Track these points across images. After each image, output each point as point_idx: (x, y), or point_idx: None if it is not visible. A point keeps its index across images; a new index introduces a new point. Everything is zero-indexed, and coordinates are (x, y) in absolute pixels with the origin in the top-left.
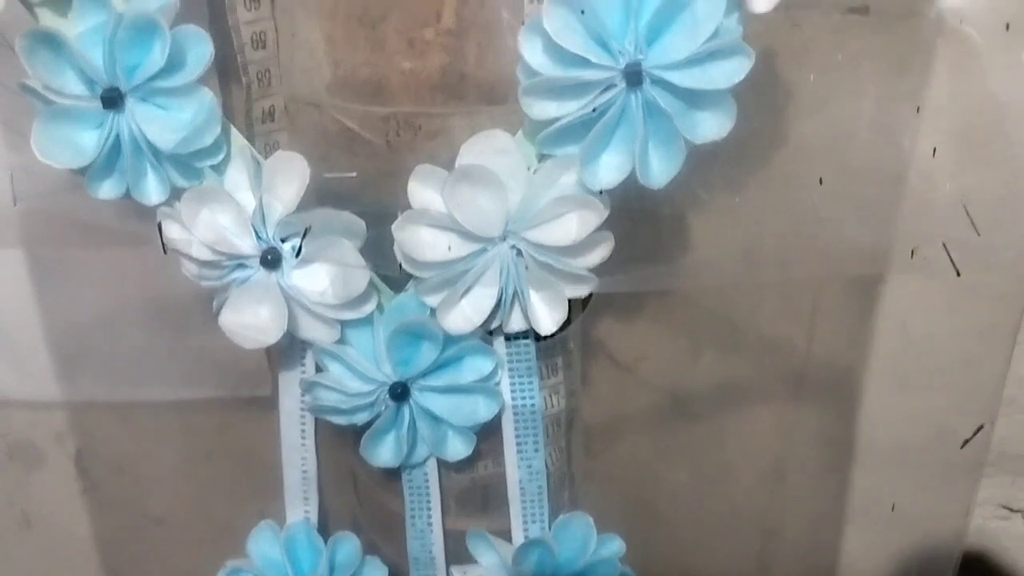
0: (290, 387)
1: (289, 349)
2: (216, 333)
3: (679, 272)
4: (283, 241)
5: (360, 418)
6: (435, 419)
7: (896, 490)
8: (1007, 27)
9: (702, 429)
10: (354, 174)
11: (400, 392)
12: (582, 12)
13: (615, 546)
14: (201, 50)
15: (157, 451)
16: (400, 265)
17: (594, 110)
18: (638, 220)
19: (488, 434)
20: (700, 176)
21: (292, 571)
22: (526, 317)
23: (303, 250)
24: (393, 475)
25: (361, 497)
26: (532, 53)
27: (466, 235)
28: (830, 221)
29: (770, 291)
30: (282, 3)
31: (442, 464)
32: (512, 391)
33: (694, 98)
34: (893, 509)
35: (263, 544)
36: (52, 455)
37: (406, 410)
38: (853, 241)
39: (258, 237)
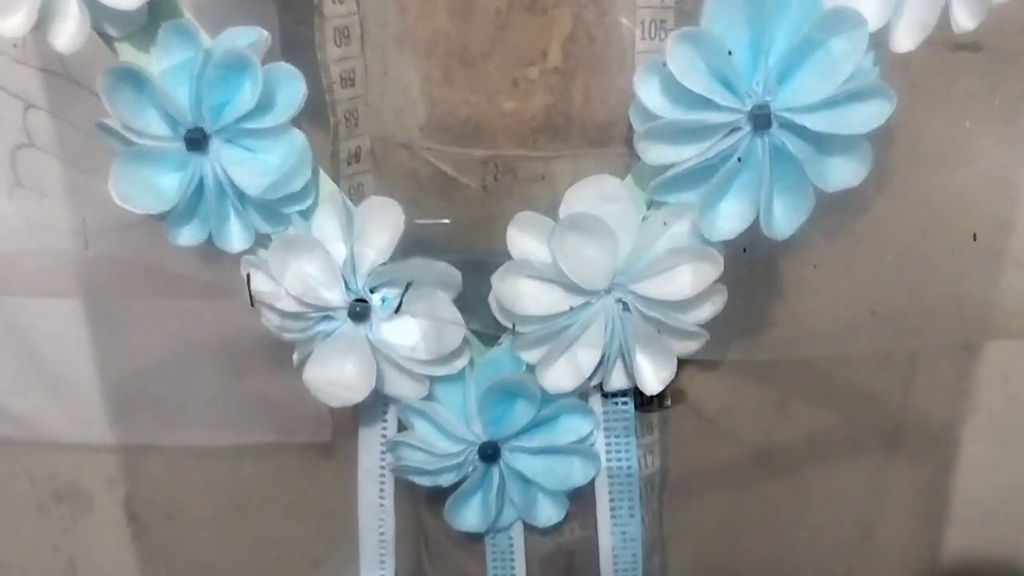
0: (370, 445)
1: (371, 405)
2: (274, 377)
3: (797, 341)
4: (372, 292)
5: (446, 479)
6: (526, 482)
7: (991, 553)
8: None
9: (788, 485)
10: (447, 220)
11: (491, 453)
12: (729, 53)
13: None
14: (293, 89)
15: (209, 498)
16: (495, 319)
17: (716, 155)
18: (751, 280)
19: (577, 496)
20: (823, 227)
21: None
22: (629, 375)
23: (402, 305)
24: (471, 536)
25: (434, 558)
26: (649, 94)
27: (571, 287)
28: (976, 280)
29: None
30: (373, 40)
31: (527, 527)
32: (607, 452)
33: (826, 143)
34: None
35: None
36: (101, 500)
37: (495, 472)
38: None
39: (347, 288)
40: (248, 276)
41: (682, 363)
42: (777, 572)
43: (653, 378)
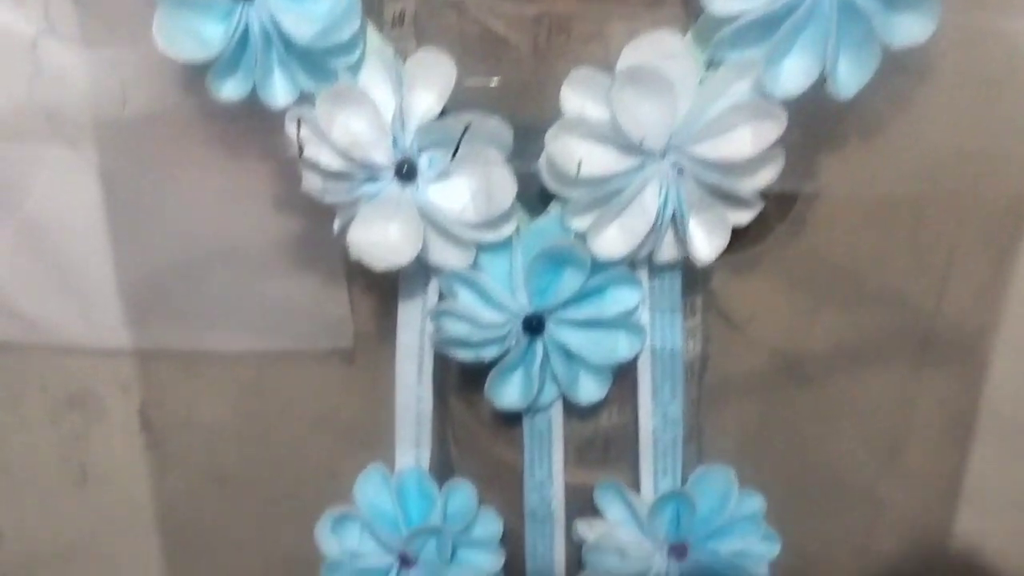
0: (410, 319)
1: (412, 277)
2: (295, 281)
3: (875, 177)
4: (419, 153)
5: (489, 353)
6: (570, 356)
7: (1017, 471)
8: None
9: (816, 396)
10: (495, 80)
11: (535, 325)
12: None
13: (757, 503)
14: None
15: (227, 406)
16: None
17: (783, 5)
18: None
19: (617, 380)
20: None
21: (403, 521)
22: (680, 244)
23: (459, 150)
24: (505, 422)
25: (462, 445)
26: None
27: (625, 147)
28: None
29: (901, 243)
30: None
31: (567, 409)
32: (652, 329)
33: None
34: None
35: (371, 491)
36: (115, 407)
37: (539, 345)
38: None
39: (395, 144)
40: (298, 122)
41: (713, 268)
42: (804, 484)
43: (706, 247)
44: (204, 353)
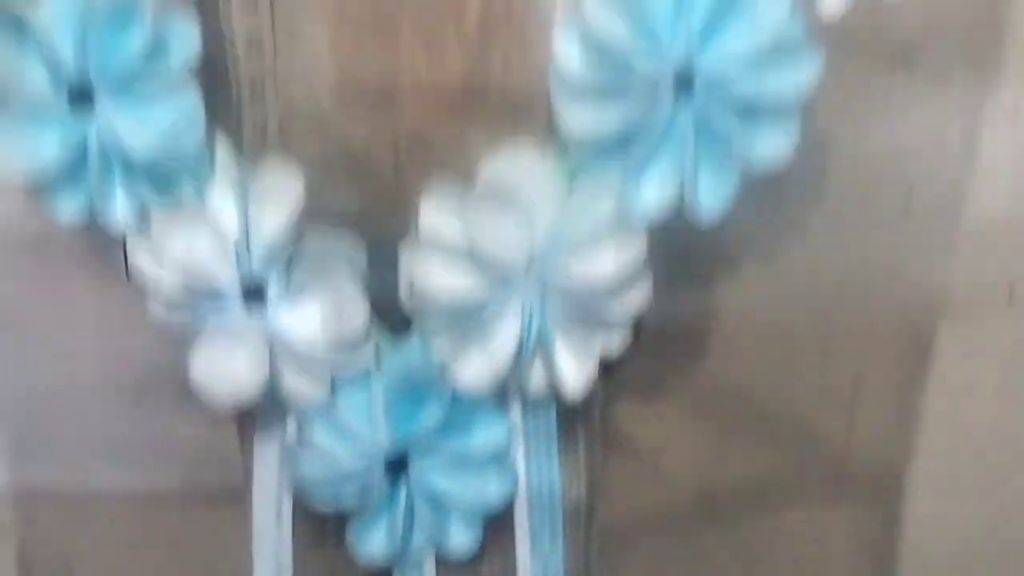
0: (266, 457)
1: (268, 412)
2: (184, 414)
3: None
4: (267, 275)
5: (349, 498)
6: (437, 501)
7: None
8: None
9: (728, 532)
10: (355, 199)
11: (397, 464)
12: None
13: None
14: (185, 41)
15: (112, 549)
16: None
17: (637, 119)
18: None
19: (496, 526)
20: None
21: None
22: (549, 376)
23: (294, 273)
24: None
25: None
26: (569, 52)
27: (485, 266)
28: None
29: (808, 373)
30: (281, 4)
31: (440, 564)
32: (527, 469)
33: (752, 113)
34: None
35: None
36: None
37: (403, 489)
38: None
39: (241, 266)
40: (125, 245)
41: (619, 400)
42: None
43: (574, 377)
44: (87, 492)
